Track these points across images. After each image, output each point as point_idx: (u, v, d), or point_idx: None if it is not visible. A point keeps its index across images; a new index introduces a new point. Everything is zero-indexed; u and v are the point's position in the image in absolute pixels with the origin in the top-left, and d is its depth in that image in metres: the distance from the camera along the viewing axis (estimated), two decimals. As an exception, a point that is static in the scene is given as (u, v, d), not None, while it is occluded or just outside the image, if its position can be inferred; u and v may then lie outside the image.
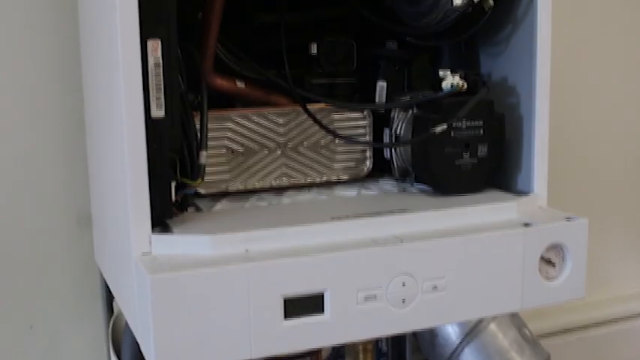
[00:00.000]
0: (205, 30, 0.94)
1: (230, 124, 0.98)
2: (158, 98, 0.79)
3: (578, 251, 0.92)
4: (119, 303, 0.98)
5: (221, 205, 0.95)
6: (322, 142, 1.04)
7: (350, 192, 1.02)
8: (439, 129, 0.93)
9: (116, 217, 0.88)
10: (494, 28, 1.01)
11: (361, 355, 1.27)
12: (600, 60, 1.59)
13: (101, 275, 1.16)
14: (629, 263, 1.74)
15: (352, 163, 1.07)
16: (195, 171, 0.85)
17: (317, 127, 1.02)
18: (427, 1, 0.96)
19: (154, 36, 0.79)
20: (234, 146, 0.99)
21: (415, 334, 1.30)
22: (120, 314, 1.15)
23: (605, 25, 1.58)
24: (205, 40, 0.94)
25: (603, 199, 1.66)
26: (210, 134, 0.92)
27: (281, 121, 1.01)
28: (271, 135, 1.01)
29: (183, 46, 0.84)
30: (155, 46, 0.79)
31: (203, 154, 0.86)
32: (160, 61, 0.79)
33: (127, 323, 1.00)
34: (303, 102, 1.01)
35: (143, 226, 0.78)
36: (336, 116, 1.04)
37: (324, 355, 1.25)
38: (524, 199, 0.95)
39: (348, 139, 1.04)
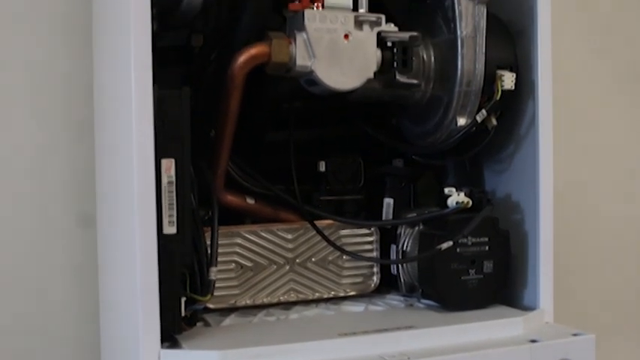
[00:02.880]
0: (217, 148, 0.96)
1: (239, 240, 1.00)
2: (170, 216, 0.81)
3: (585, 368, 0.91)
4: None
5: (229, 320, 0.96)
6: (330, 257, 1.06)
7: (357, 307, 1.03)
8: (445, 246, 0.94)
9: (126, 331, 0.89)
10: (497, 146, 1.04)
11: None
12: (602, 177, 1.61)
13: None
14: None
15: (359, 279, 1.08)
16: (205, 287, 0.86)
17: (325, 243, 1.04)
18: (432, 121, 0.99)
19: (168, 155, 0.81)
20: (243, 261, 1.00)
21: None
22: None
23: (606, 138, 1.61)
24: (217, 157, 0.97)
25: (610, 315, 1.64)
26: (219, 250, 0.93)
27: (289, 237, 1.03)
28: (280, 251, 1.03)
29: (195, 163, 0.87)
30: (169, 165, 0.81)
31: (213, 270, 0.87)
32: (174, 179, 0.81)
33: None
34: (311, 219, 1.02)
35: (152, 341, 0.79)
36: (344, 232, 1.06)
37: None
38: (530, 315, 0.95)
39: (356, 256, 1.05)
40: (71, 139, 1.18)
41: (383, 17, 0.92)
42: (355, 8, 0.91)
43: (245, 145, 1.02)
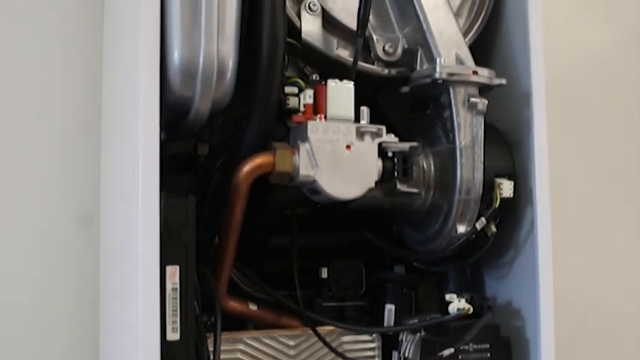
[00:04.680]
0: (221, 255, 0.97)
1: (242, 346, 1.00)
2: (174, 322, 0.82)
3: None
4: None
5: None
6: (332, 364, 1.05)
7: (360, 414, 1.02)
8: (447, 353, 0.95)
9: None
10: (497, 252, 1.05)
11: None
12: (601, 281, 1.61)
13: None
14: None
15: (362, 385, 1.07)
16: (208, 393, 0.86)
17: (327, 350, 1.03)
18: (432, 228, 1.01)
19: (172, 262, 0.83)
20: (246, 367, 1.00)
21: None
22: None
23: (604, 244, 1.62)
24: (221, 264, 0.98)
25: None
26: (222, 356, 0.93)
27: (292, 343, 1.03)
28: (282, 357, 1.02)
29: (199, 269, 0.88)
30: (173, 272, 0.83)
31: (215, 376, 0.87)
32: (178, 286, 0.83)
33: None
34: (313, 325, 1.03)
35: None
36: (346, 339, 1.06)
37: None
38: (533, 422, 0.95)
39: (358, 362, 1.05)
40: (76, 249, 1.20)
41: (384, 128, 0.95)
42: (357, 119, 0.94)
43: (248, 250, 1.03)
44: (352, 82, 0.94)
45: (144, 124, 0.82)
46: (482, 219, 0.98)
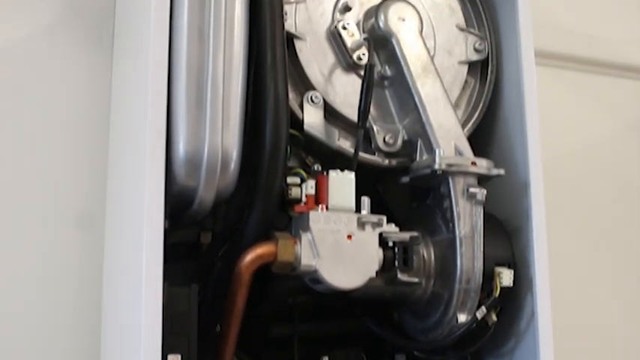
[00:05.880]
0: (223, 344, 0.97)
1: None
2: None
3: None
4: None
5: None
6: None
7: None
8: None
9: None
10: (498, 341, 1.05)
11: None
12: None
13: None
14: None
15: None
16: None
17: None
18: (433, 317, 1.01)
19: (174, 351, 0.83)
20: None
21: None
22: None
23: (609, 334, 1.62)
24: (222, 353, 0.97)
25: None
26: None
27: None
28: None
29: (201, 358, 0.88)
30: (175, 362, 0.83)
31: None
32: (180, 375, 0.83)
33: None
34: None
35: None
36: None
37: None
38: None
39: None
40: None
41: (384, 218, 0.96)
42: (358, 209, 0.96)
43: (249, 338, 1.03)
44: (353, 173, 0.96)
45: (148, 214, 0.84)
46: (483, 308, 0.98)
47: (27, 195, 1.20)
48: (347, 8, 1.06)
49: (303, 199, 0.95)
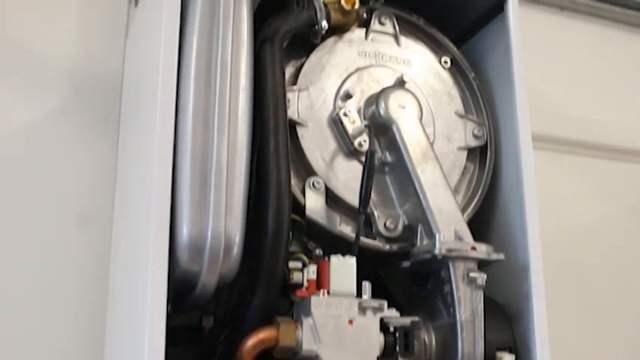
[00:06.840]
0: None
1: None
2: None
3: None
4: None
5: None
6: None
7: None
8: None
9: None
10: None
11: None
12: None
13: None
14: None
15: None
16: None
17: None
18: None
19: None
20: None
21: None
22: None
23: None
24: None
25: None
26: None
27: None
28: None
29: None
30: None
31: None
32: None
33: None
34: None
35: None
36: None
37: None
38: None
39: None
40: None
41: (385, 303, 0.96)
42: (359, 294, 0.96)
43: None
44: (354, 258, 0.97)
45: (151, 299, 0.84)
46: (485, 394, 0.98)
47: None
48: (348, 96, 1.09)
49: (305, 283, 0.96)
